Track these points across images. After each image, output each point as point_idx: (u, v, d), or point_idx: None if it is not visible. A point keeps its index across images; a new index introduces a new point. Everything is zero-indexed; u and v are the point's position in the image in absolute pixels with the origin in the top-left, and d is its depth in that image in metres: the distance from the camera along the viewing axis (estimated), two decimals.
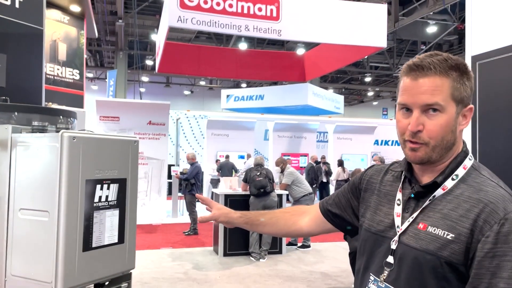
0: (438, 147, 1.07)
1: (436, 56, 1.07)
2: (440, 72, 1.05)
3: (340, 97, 18.07)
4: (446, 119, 1.05)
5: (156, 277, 5.82)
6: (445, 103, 1.05)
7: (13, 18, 2.45)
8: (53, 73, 5.59)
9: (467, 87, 1.07)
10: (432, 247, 1.02)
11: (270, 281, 5.74)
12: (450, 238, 1.01)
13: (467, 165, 1.11)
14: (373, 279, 1.15)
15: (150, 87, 27.00)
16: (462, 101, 1.07)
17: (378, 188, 1.26)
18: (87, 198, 1.78)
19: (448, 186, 1.08)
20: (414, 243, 1.06)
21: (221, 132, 14.04)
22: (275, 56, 14.67)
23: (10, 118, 1.95)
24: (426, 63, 1.06)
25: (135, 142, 2.04)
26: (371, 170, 1.34)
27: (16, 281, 1.80)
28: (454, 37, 18.30)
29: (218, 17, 7.08)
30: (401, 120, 1.10)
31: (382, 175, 1.28)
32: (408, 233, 1.09)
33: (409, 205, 1.13)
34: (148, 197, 10.23)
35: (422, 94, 1.05)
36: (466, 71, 1.07)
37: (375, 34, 8.12)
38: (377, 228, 1.19)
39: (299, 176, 7.66)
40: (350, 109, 30.70)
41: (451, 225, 1.02)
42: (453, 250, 1.00)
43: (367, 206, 1.27)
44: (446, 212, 1.04)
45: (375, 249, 1.18)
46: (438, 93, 1.04)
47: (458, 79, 1.06)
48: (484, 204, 1.00)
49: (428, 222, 1.06)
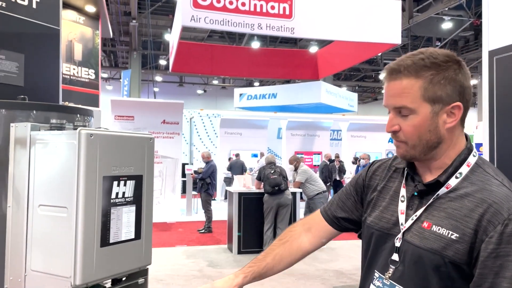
0: (418, 146, 1.09)
1: (413, 57, 1.08)
2: (409, 73, 1.06)
3: (354, 94, 17.96)
4: (419, 120, 1.07)
5: (171, 274, 5.87)
6: (414, 105, 1.06)
7: (30, 18, 2.49)
8: (69, 73, 5.67)
9: (446, 85, 1.05)
10: (437, 246, 1.03)
11: (284, 279, 5.74)
12: (455, 238, 1.01)
13: (471, 162, 1.10)
14: (378, 276, 1.16)
15: (164, 87, 27.19)
16: (440, 100, 1.06)
17: (382, 184, 1.26)
18: (105, 194, 1.80)
19: (452, 185, 1.08)
20: (418, 242, 1.07)
21: (234, 130, 14.07)
22: (288, 54, 14.63)
23: (29, 116, 1.98)
24: (396, 66, 1.08)
25: (151, 139, 2.07)
26: (374, 166, 1.33)
27: (36, 276, 1.83)
28: (470, 33, 18.05)
29: (231, 16, 7.09)
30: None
31: (386, 171, 1.27)
32: (412, 231, 1.09)
33: (413, 202, 1.13)
34: (162, 196, 10.31)
35: (391, 97, 1.09)
36: (447, 68, 1.05)
37: (389, 30, 8.04)
38: (381, 225, 1.19)
39: (312, 174, 7.64)
40: (364, 107, 30.47)
41: (456, 225, 1.02)
42: (457, 250, 1.00)
43: (370, 203, 1.27)
44: (450, 211, 1.05)
45: (379, 246, 1.18)
46: (406, 96, 1.06)
47: (432, 78, 1.05)
48: (488, 204, 1.00)
49: (432, 221, 1.06)
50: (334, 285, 5.52)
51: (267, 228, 6.86)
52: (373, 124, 15.02)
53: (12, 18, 2.40)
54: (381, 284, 1.14)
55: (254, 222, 7.03)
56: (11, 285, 1.88)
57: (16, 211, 1.89)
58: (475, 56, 19.49)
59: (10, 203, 1.90)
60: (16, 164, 1.89)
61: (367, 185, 1.30)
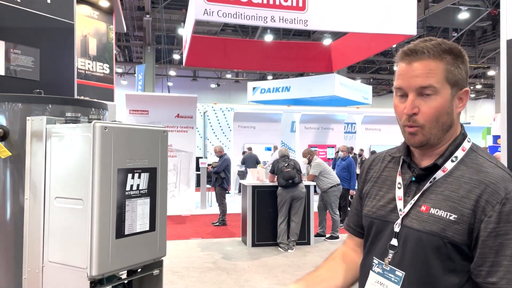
0: (435, 129, 1.09)
1: (430, 41, 1.10)
2: (433, 55, 1.07)
3: (368, 87, 17.76)
4: (441, 102, 1.07)
5: (186, 266, 5.92)
6: (439, 86, 1.07)
7: (45, 13, 2.52)
8: (84, 67, 5.72)
9: (461, 70, 1.09)
10: (436, 228, 1.04)
11: (298, 272, 5.75)
12: (453, 219, 1.03)
13: (466, 147, 1.13)
14: (377, 263, 1.17)
15: (178, 81, 27.29)
16: (457, 84, 1.09)
17: (377, 175, 1.27)
18: (119, 186, 1.82)
19: (448, 168, 1.10)
20: (417, 225, 1.08)
21: (248, 124, 14.07)
22: (301, 47, 14.51)
23: (45, 110, 2.01)
24: (419, 48, 1.09)
25: (164, 132, 2.08)
26: (368, 160, 1.36)
27: (53, 267, 1.86)
28: (487, 23, 17.70)
29: (244, 9, 7.06)
30: (398, 105, 1.14)
31: (380, 163, 1.29)
32: (410, 216, 1.11)
33: (410, 189, 1.15)
34: (177, 189, 10.38)
35: (417, 77, 1.08)
36: (460, 54, 1.10)
37: (404, 21, 7.92)
38: (378, 213, 1.20)
39: (326, 167, 7.61)
40: (378, 100, 30.16)
41: (453, 206, 1.04)
42: (456, 230, 1.02)
43: (367, 194, 1.28)
44: (448, 193, 1.06)
45: (377, 233, 1.20)
46: (432, 76, 1.07)
47: (452, 62, 1.08)
48: (485, 185, 1.02)
49: (430, 204, 1.08)
50: None
51: (281, 221, 6.86)
52: (388, 117, 14.86)
53: (27, 13, 2.43)
54: (381, 270, 1.15)
55: (268, 215, 7.04)
56: (30, 276, 1.92)
57: (33, 204, 1.92)
58: (493, 47, 19.12)
59: (27, 195, 1.94)
60: (32, 157, 1.92)
61: (365, 180, 1.32)
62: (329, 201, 7.42)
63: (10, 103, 1.96)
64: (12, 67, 2.34)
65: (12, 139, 1.94)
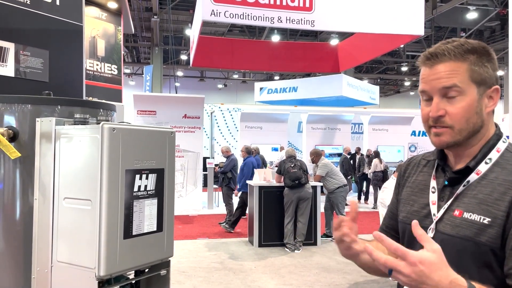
0: (465, 131, 1.06)
1: (452, 43, 1.08)
2: (455, 56, 1.06)
3: (376, 87, 17.72)
4: (468, 102, 1.05)
5: (193, 266, 5.94)
6: (463, 85, 1.05)
7: (54, 15, 2.54)
8: (93, 68, 5.76)
9: (488, 69, 1.07)
10: (469, 233, 1.01)
11: (305, 272, 5.75)
12: (487, 222, 1.00)
13: (501, 148, 1.09)
14: None
15: (185, 82, 27.37)
16: (484, 83, 1.07)
17: (412, 180, 1.25)
18: (127, 187, 1.83)
19: (482, 171, 1.07)
20: (450, 230, 1.06)
21: (255, 124, 14.08)
22: (308, 47, 14.49)
23: (54, 111, 2.03)
24: (440, 50, 1.07)
25: (172, 133, 2.09)
26: (404, 164, 1.34)
27: (62, 267, 1.88)
28: (496, 23, 17.53)
29: (251, 10, 7.07)
30: (423, 108, 1.12)
31: (416, 167, 1.27)
32: (444, 221, 1.08)
33: (444, 193, 1.12)
34: (184, 189, 10.42)
35: (439, 79, 1.06)
36: (485, 52, 1.08)
37: (412, 21, 7.88)
38: (412, 218, 1.17)
39: (333, 168, 7.60)
40: (386, 100, 30.05)
41: (487, 209, 1.01)
42: (490, 234, 0.99)
43: (401, 199, 1.27)
44: (481, 196, 1.03)
45: (412, 239, 1.15)
46: (455, 76, 1.05)
47: (476, 61, 1.06)
48: None
49: (463, 208, 1.05)
50: (356, 280, 5.49)
51: (287, 222, 6.86)
52: (395, 117, 14.81)
53: (36, 15, 2.45)
54: None
55: (275, 215, 7.04)
56: (38, 276, 1.94)
57: (42, 204, 1.94)
58: (501, 47, 18.94)
59: (36, 196, 1.96)
60: (41, 158, 1.94)
61: (399, 184, 1.31)
62: (336, 201, 7.40)
63: (19, 104, 1.98)
64: (21, 68, 2.37)
65: (22, 140, 1.96)
